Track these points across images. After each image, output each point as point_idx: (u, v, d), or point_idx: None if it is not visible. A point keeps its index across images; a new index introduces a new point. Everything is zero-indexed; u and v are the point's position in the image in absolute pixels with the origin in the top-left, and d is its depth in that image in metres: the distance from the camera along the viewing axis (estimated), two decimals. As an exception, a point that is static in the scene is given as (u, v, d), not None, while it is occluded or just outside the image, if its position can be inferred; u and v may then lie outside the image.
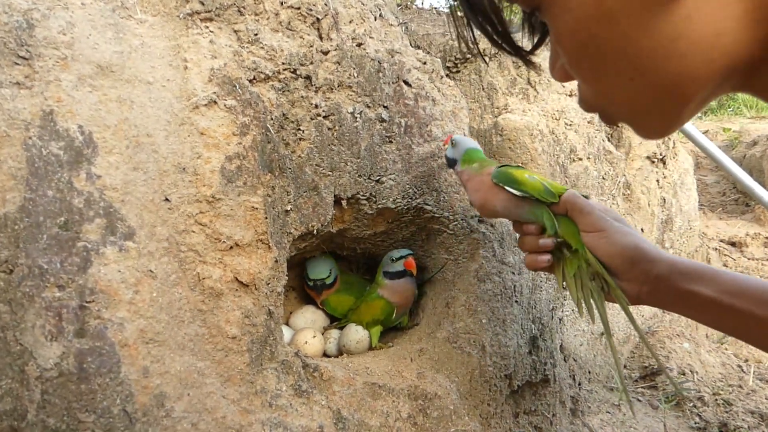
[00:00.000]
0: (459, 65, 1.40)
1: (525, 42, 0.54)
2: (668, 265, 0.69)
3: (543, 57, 0.59)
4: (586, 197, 0.77)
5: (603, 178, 1.48)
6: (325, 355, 1.02)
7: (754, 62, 0.41)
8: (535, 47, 0.55)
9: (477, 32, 0.53)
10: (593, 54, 0.45)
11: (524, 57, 0.55)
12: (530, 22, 0.53)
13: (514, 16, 0.53)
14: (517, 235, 0.86)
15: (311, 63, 0.83)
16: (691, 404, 1.36)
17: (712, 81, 0.42)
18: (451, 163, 0.91)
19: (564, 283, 0.78)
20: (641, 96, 0.45)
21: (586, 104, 0.53)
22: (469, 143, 0.90)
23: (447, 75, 1.16)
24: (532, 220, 0.79)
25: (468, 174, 0.87)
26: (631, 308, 0.75)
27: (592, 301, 0.75)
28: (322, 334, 1.03)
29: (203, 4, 0.75)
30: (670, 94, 0.44)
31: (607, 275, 0.73)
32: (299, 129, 0.83)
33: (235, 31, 0.78)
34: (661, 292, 0.70)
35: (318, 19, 0.86)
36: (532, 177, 0.79)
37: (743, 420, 1.29)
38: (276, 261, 0.76)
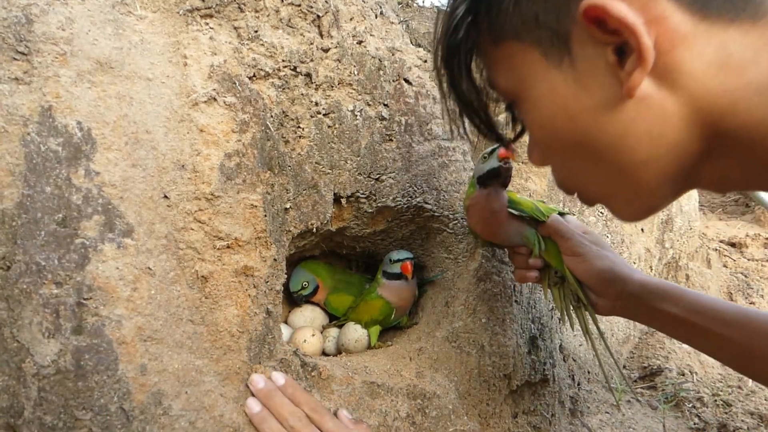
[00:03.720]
0: (460, 64, 1.39)
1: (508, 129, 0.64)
2: (639, 285, 0.77)
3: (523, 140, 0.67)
4: (563, 214, 0.85)
5: (603, 178, 1.47)
6: (324, 353, 1.02)
7: (697, 158, 0.47)
8: (517, 137, 0.64)
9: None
10: (560, 145, 0.52)
11: (506, 144, 0.63)
12: (513, 115, 0.61)
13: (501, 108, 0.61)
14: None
15: (311, 60, 0.83)
16: (691, 405, 1.36)
17: (664, 172, 0.48)
18: (491, 176, 0.81)
19: (549, 294, 0.89)
20: (609, 180, 0.51)
21: (563, 187, 0.60)
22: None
23: (448, 73, 1.15)
24: (521, 243, 0.86)
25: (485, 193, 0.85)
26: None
27: (572, 311, 0.87)
28: (321, 333, 1.03)
29: (203, 0, 0.75)
30: (629, 180, 0.50)
31: (581, 293, 0.83)
32: (299, 127, 0.82)
33: (235, 28, 0.78)
34: (633, 308, 0.79)
35: (318, 16, 0.85)
36: (523, 198, 0.86)
37: (742, 421, 1.29)
38: (275, 259, 0.76)
